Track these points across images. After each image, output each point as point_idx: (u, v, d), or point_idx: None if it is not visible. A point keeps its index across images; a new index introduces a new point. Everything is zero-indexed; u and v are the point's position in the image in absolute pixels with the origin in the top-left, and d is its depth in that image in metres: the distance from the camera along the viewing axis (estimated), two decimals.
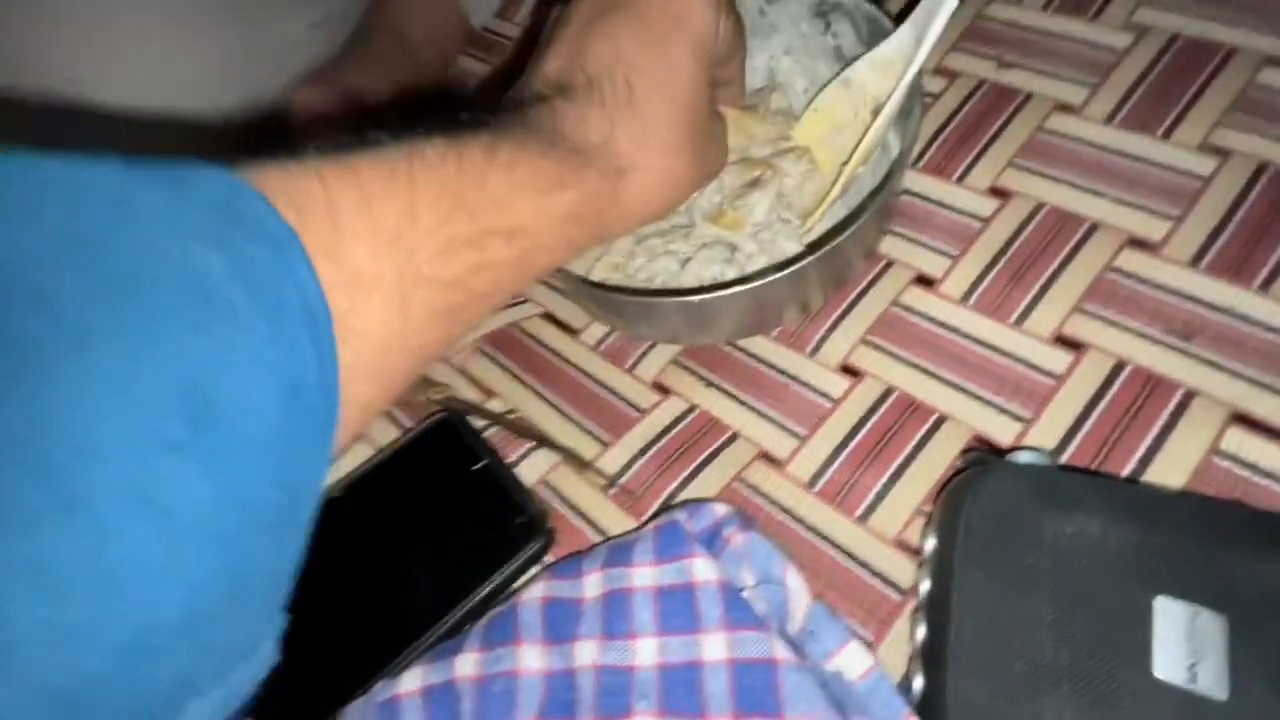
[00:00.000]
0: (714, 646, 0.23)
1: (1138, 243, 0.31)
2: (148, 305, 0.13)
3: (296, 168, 0.16)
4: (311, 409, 0.15)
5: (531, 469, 0.33)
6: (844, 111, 0.34)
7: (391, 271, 0.17)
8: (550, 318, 0.38)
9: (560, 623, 0.26)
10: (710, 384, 0.34)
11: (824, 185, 0.34)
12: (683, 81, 0.24)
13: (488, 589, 0.29)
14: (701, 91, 0.25)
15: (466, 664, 0.26)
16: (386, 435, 0.35)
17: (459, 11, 0.49)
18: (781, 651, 0.23)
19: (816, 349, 0.33)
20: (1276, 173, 0.31)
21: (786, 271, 0.28)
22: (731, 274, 0.32)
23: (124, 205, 0.14)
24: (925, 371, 0.31)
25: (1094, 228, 0.32)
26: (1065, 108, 0.36)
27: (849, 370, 0.32)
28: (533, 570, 0.30)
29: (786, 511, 0.30)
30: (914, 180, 0.36)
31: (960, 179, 0.35)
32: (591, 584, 0.26)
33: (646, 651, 0.24)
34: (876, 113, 0.32)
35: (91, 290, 0.12)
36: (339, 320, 0.16)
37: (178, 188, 0.14)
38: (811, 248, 0.28)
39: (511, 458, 0.34)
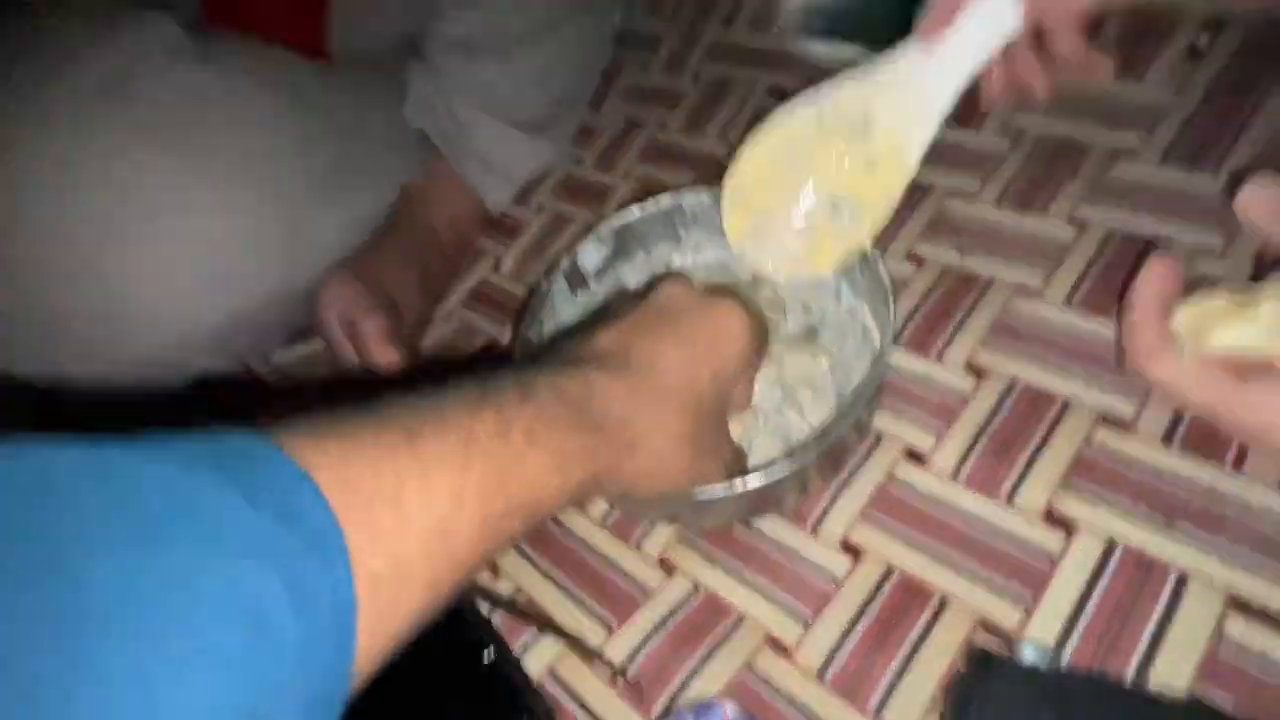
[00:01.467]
0: None
1: (1110, 420, 0.33)
2: (194, 631, 0.13)
3: (354, 438, 0.17)
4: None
5: (538, 658, 0.33)
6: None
7: (429, 564, 0.17)
8: None
9: None
10: (714, 562, 0.34)
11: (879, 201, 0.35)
12: (702, 394, 0.28)
13: None
14: (713, 404, 0.29)
15: None
16: None
17: (477, 199, 0.54)
18: None
19: (818, 524, 0.34)
20: None
21: (788, 465, 0.29)
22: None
23: (177, 501, 0.14)
24: (924, 550, 0.32)
25: (1066, 405, 0.34)
26: (1025, 291, 0.39)
27: (850, 548, 0.33)
28: None
29: (799, 708, 0.29)
30: (897, 356, 0.38)
31: (940, 356, 0.38)
32: None
33: None
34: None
35: (128, 620, 0.13)
36: (377, 614, 0.16)
37: (232, 482, 0.14)
38: (814, 441, 0.30)
39: (516, 643, 0.33)
